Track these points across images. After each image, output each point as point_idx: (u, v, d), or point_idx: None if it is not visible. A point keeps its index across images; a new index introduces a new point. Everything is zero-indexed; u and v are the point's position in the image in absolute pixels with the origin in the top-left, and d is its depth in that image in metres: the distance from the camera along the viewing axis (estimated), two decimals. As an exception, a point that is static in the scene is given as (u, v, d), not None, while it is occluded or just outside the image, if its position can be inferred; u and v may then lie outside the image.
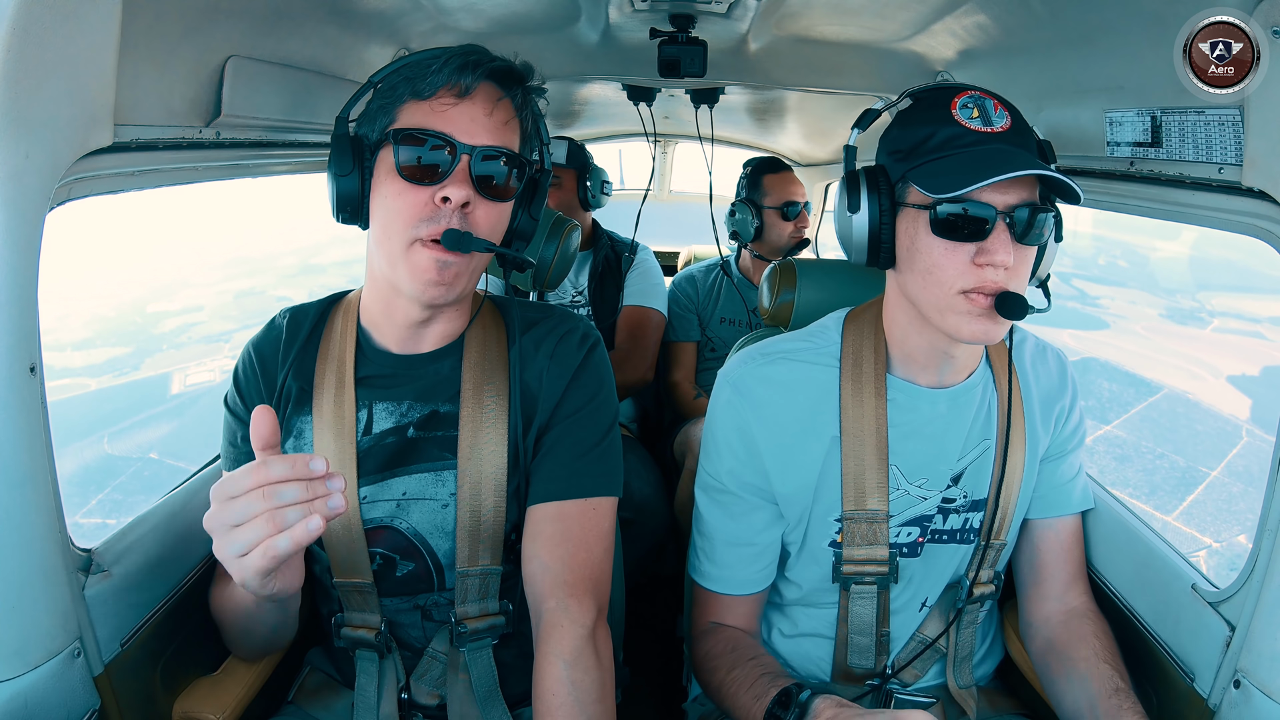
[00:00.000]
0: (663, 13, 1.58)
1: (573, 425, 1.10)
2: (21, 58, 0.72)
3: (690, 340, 2.64)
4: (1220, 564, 14.31)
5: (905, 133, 1.04)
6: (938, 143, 1.00)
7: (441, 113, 0.98)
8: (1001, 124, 1.00)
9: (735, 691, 1.07)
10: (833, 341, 1.18)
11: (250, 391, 1.12)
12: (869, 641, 1.19)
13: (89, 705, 0.93)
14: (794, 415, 1.15)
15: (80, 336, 10.74)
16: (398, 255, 0.99)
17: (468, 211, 0.99)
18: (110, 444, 9.59)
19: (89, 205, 0.95)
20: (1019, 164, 0.94)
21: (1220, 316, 10.35)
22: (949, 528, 1.18)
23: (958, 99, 1.01)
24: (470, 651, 1.12)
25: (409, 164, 0.98)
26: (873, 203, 1.04)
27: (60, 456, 0.87)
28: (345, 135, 1.02)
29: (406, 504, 1.09)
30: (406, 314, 1.07)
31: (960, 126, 0.99)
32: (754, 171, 2.65)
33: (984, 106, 1.01)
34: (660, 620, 2.03)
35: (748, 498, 1.17)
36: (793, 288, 1.43)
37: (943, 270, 1.00)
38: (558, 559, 1.04)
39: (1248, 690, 0.94)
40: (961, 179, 0.95)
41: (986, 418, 1.17)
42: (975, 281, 0.98)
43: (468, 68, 0.98)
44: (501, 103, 1.01)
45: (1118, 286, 12.69)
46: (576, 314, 1.19)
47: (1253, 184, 0.93)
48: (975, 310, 0.99)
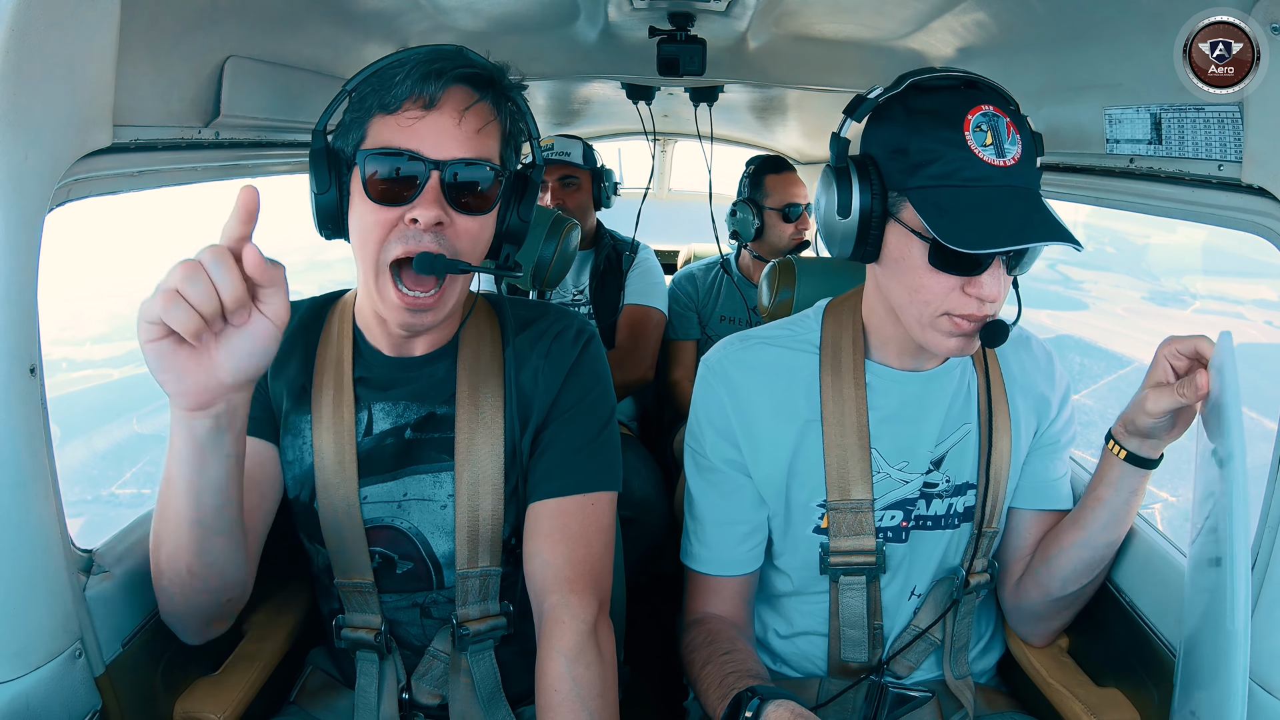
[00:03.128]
0: (661, 11, 1.58)
1: (569, 421, 1.10)
2: (21, 58, 0.72)
3: (690, 339, 2.64)
4: (1174, 515, 15.30)
5: (910, 137, 0.98)
6: (945, 168, 0.96)
7: (408, 127, 0.94)
8: (1013, 154, 0.96)
9: (706, 689, 1.07)
10: (812, 330, 1.20)
11: None
12: (861, 634, 1.19)
13: (90, 706, 0.93)
14: (769, 398, 1.16)
15: (99, 331, 10.97)
16: (371, 280, 0.98)
17: (443, 229, 0.95)
18: (139, 424, 10.01)
19: (92, 207, 0.95)
20: (1031, 223, 0.93)
21: (1202, 299, 10.41)
22: (933, 513, 1.18)
23: (971, 116, 0.95)
24: (472, 653, 1.12)
25: (376, 185, 0.94)
26: (864, 203, 1.00)
27: (93, 436, 0.87)
28: (322, 150, 0.98)
29: (407, 504, 1.09)
30: (394, 326, 1.06)
31: (971, 155, 0.95)
32: (756, 171, 2.64)
33: (998, 130, 0.96)
34: (661, 619, 2.03)
35: (733, 475, 1.18)
36: (792, 286, 1.43)
37: (929, 292, 1.00)
38: (558, 555, 1.04)
39: (1249, 689, 0.94)
40: (975, 235, 0.92)
41: (965, 401, 1.18)
42: (962, 309, 0.99)
43: (431, 76, 0.93)
44: (473, 109, 0.96)
45: (1102, 271, 12.77)
46: (571, 311, 1.19)
47: (1252, 181, 0.93)
48: (956, 332, 1.00)
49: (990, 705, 1.27)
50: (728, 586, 1.21)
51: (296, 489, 1.10)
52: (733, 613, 1.21)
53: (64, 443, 23.47)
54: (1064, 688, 1.18)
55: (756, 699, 0.94)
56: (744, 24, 1.65)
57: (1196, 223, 1.11)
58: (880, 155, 1.02)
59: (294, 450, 1.10)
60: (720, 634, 1.15)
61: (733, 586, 1.21)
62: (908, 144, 0.98)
